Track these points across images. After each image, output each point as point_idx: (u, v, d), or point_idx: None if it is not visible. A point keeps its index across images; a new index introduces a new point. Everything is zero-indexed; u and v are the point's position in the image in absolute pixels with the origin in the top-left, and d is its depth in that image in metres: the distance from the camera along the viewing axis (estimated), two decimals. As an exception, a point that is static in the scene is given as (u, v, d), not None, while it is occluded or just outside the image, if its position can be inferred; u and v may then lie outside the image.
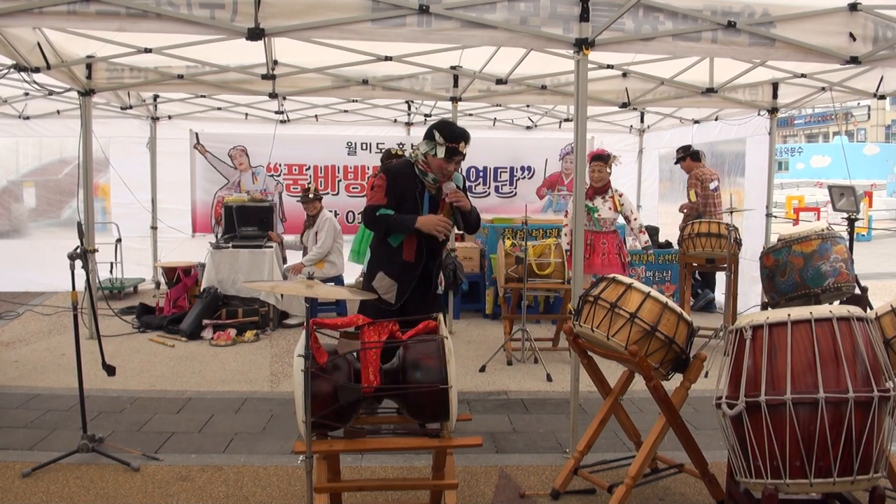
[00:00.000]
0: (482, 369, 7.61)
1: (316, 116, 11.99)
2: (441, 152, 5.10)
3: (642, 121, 13.04)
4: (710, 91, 8.45)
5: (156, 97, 11.13)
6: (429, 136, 5.16)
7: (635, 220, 8.55)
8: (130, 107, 10.51)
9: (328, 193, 11.72)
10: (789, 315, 3.46)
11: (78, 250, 5.06)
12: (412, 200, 5.23)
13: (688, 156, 10.93)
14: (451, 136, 5.14)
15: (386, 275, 5.28)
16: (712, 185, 10.71)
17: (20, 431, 5.78)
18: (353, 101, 10.99)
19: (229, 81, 8.41)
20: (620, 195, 8.51)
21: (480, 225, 5.59)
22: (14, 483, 4.80)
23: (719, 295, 9.56)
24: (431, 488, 4.11)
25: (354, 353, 3.68)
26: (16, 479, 4.86)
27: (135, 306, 10.06)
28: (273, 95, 8.67)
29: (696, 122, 11.59)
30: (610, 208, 8.35)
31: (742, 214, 9.35)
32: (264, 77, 8.01)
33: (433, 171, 5.18)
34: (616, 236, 8.48)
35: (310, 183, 11.80)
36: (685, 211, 10.83)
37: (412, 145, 9.53)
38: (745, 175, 10.31)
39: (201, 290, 9.50)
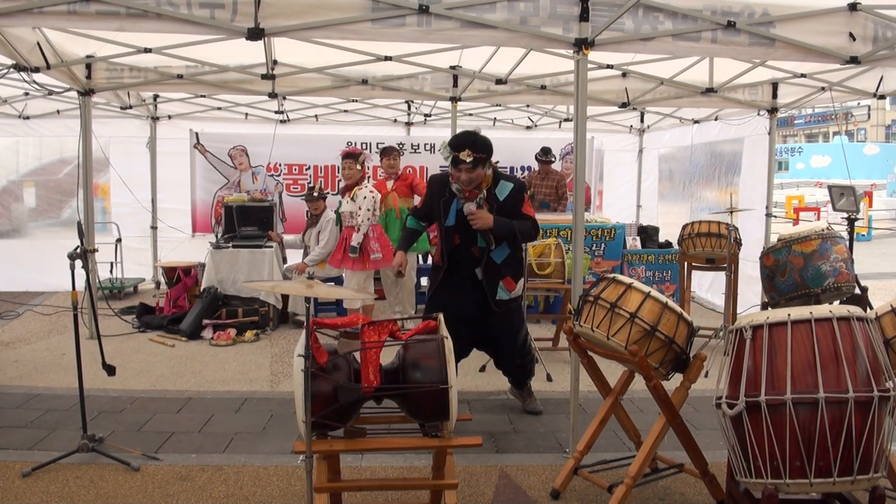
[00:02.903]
0: (482, 369, 7.60)
1: (316, 116, 11.99)
2: (449, 161, 5.34)
3: (642, 121, 13.05)
4: (709, 91, 8.45)
5: (156, 97, 11.13)
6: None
7: (356, 215, 8.59)
8: (130, 106, 10.51)
9: (329, 193, 11.71)
10: (789, 315, 3.46)
11: (78, 250, 5.06)
12: (437, 210, 5.53)
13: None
14: (454, 145, 5.31)
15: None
16: None
17: (20, 431, 5.78)
18: (353, 100, 11.00)
19: (229, 81, 8.41)
20: (359, 188, 8.65)
21: (530, 236, 5.70)
22: (14, 483, 4.81)
23: (719, 295, 9.55)
24: (431, 488, 4.11)
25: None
26: (16, 478, 4.86)
27: (135, 306, 10.06)
28: (273, 95, 8.67)
29: (696, 121, 11.59)
30: (349, 201, 8.58)
31: (742, 214, 9.34)
32: (264, 77, 8.01)
33: (455, 182, 5.42)
34: (352, 230, 8.58)
35: (311, 182, 11.80)
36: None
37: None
38: (741, 175, 10.31)
39: (201, 289, 9.50)
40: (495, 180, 5.55)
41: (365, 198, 8.48)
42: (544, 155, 11.20)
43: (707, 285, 11.30)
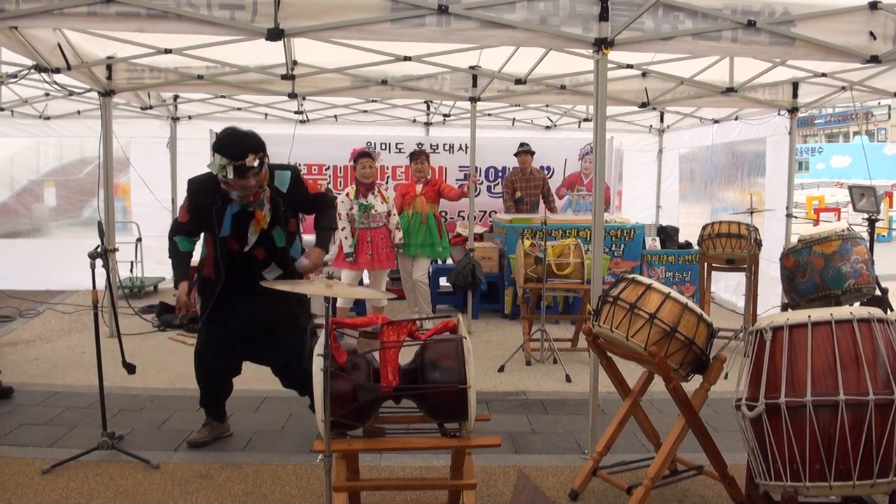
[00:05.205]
0: (501, 369, 7.61)
1: (335, 117, 12.01)
2: (231, 172, 4.70)
3: (662, 120, 13.01)
4: (729, 90, 8.41)
5: (176, 97, 11.17)
6: (213, 157, 4.82)
7: (394, 215, 8.94)
8: (150, 107, 10.57)
9: (337, 193, 11.73)
10: (809, 316, 3.44)
11: (98, 249, 5.10)
12: (209, 218, 5.01)
13: None
14: (233, 154, 4.70)
15: (196, 287, 5.33)
16: None
17: (40, 428, 5.82)
18: (373, 101, 11.00)
19: (249, 82, 8.44)
20: (385, 188, 9.02)
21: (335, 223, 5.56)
22: (34, 479, 4.84)
23: (741, 296, 9.51)
24: (450, 488, 4.11)
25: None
26: (36, 475, 4.90)
27: (155, 305, 10.11)
28: (292, 96, 8.70)
29: (716, 121, 11.55)
30: (382, 202, 8.68)
31: (763, 215, 9.30)
32: (284, 77, 8.02)
33: (236, 190, 4.88)
34: (384, 229, 8.77)
35: (329, 182, 11.83)
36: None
37: None
38: (766, 175, 10.25)
39: (221, 289, 9.53)
40: (270, 172, 5.07)
41: (389, 198, 8.74)
42: (521, 147, 11.13)
43: (734, 287, 11.21)
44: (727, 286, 11.40)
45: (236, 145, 4.74)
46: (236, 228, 5.06)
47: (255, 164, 4.76)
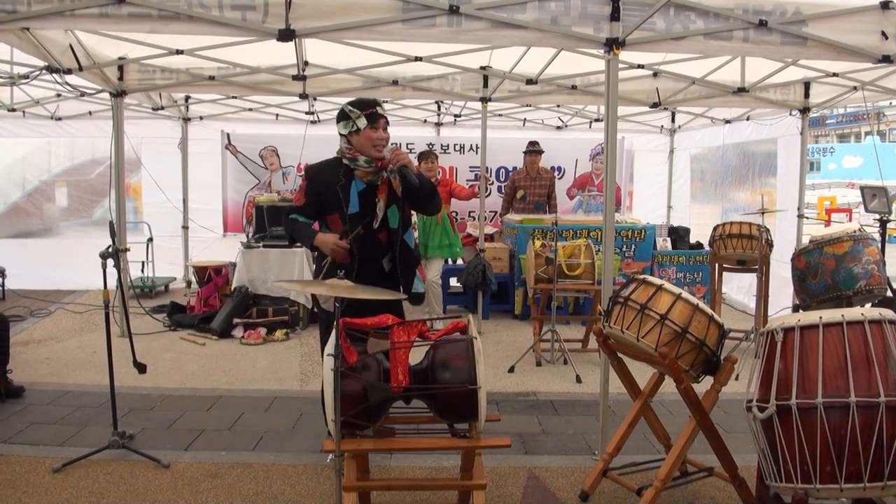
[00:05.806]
0: (511, 370, 7.60)
1: (346, 117, 12.00)
2: (363, 123, 4.73)
3: (673, 121, 12.98)
4: (741, 91, 8.39)
5: (187, 98, 11.21)
6: (343, 119, 4.83)
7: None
8: (162, 108, 10.60)
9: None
10: (821, 318, 3.43)
11: (110, 249, 5.11)
12: (335, 197, 4.86)
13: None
14: (362, 105, 4.79)
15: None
16: None
17: (51, 427, 5.84)
18: (384, 101, 10.96)
19: (260, 82, 8.45)
20: None
21: (437, 201, 5.09)
22: (44, 478, 4.85)
23: (750, 297, 9.48)
24: (460, 488, 4.11)
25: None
26: (46, 474, 4.91)
27: (166, 305, 10.13)
28: (303, 96, 8.71)
29: (728, 121, 11.51)
30: None
31: (774, 216, 9.26)
32: (295, 78, 8.03)
33: (364, 150, 4.79)
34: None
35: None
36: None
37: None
38: (777, 176, 10.22)
39: (232, 289, 9.55)
40: None
41: None
42: (531, 146, 11.00)
43: (745, 288, 11.19)
44: (738, 287, 11.36)
45: (362, 99, 4.86)
46: (364, 206, 4.87)
47: (384, 113, 4.85)
